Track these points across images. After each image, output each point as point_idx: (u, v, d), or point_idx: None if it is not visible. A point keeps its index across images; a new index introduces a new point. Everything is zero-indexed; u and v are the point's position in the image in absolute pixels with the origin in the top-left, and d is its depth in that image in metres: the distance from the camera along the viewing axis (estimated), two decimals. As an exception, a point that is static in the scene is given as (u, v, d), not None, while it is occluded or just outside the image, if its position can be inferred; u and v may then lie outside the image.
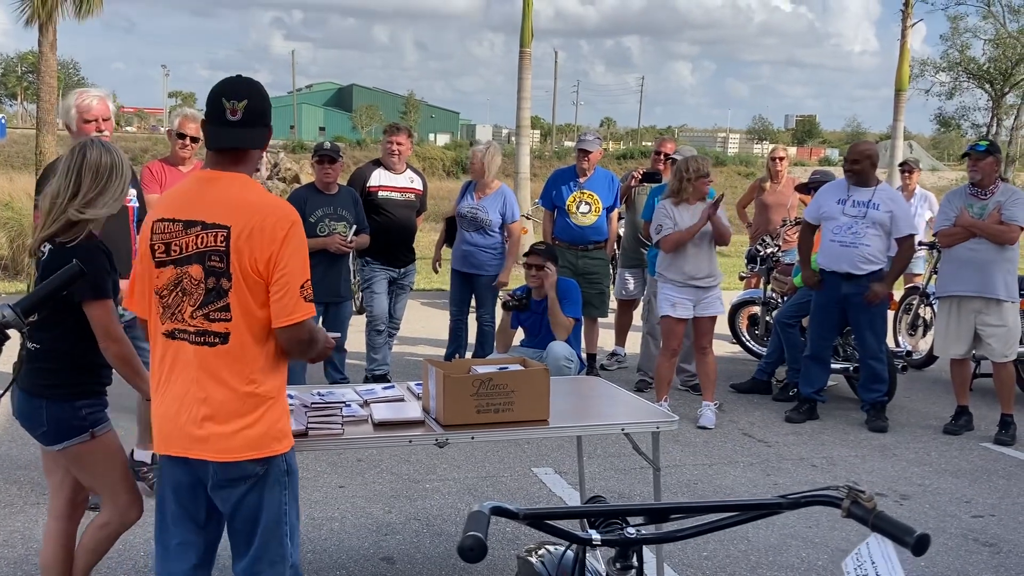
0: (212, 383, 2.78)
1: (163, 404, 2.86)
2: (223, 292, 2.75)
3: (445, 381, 3.59)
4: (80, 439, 3.31)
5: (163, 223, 2.83)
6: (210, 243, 2.74)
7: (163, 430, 2.87)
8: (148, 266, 2.87)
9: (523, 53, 17.02)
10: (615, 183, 7.70)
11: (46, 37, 15.14)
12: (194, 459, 2.83)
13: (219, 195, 2.80)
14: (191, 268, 2.77)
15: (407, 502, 5.14)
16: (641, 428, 3.78)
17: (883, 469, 5.99)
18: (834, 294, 6.72)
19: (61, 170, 3.36)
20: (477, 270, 7.38)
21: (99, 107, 4.78)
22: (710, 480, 5.64)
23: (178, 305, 2.80)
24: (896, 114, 19.34)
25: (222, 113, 2.78)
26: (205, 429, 2.78)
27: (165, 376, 2.86)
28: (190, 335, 2.79)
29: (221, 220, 2.75)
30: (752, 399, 7.55)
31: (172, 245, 2.80)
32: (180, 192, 2.94)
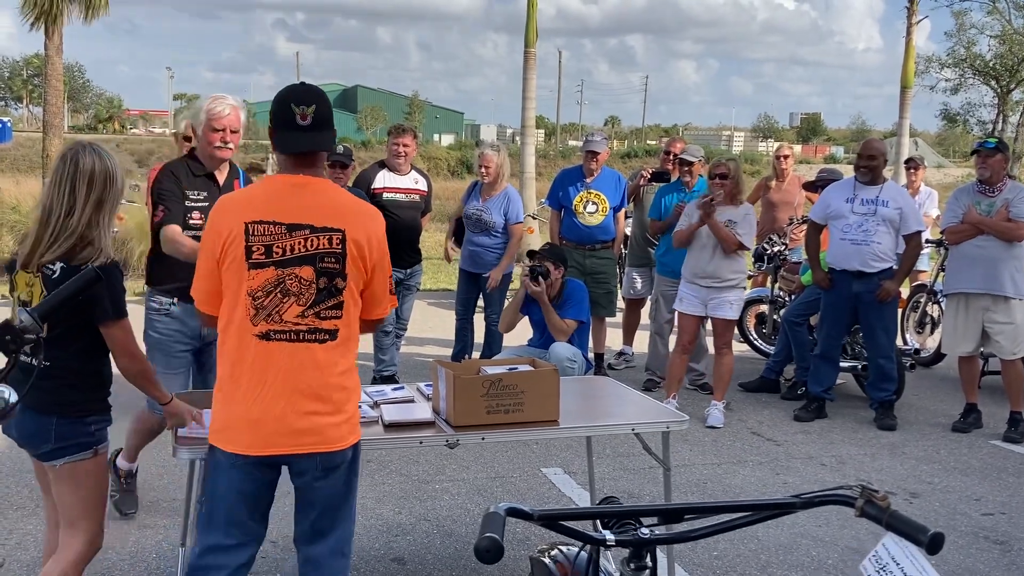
0: (321, 378, 2.90)
1: (258, 405, 2.88)
2: (337, 291, 2.90)
3: (455, 382, 3.59)
4: (82, 455, 3.20)
5: (261, 225, 2.87)
6: (323, 245, 2.88)
7: (259, 432, 2.88)
8: (238, 267, 2.87)
9: (528, 53, 17.03)
10: (622, 183, 7.71)
11: (52, 41, 15.20)
12: (295, 455, 2.91)
13: (318, 199, 2.94)
14: (299, 269, 2.87)
15: (417, 503, 5.15)
16: (651, 428, 3.79)
17: (892, 467, 5.98)
18: (845, 293, 6.72)
19: (52, 180, 3.23)
20: (483, 270, 7.39)
21: (231, 117, 4.41)
22: (719, 479, 5.64)
23: (276, 306, 2.87)
24: (902, 111, 19.32)
25: (292, 118, 2.91)
26: (314, 422, 2.90)
27: (257, 378, 2.88)
28: (292, 334, 2.87)
29: (332, 224, 2.89)
30: (760, 398, 7.55)
31: (274, 247, 2.86)
32: (271, 196, 2.95)
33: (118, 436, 4.37)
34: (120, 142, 54.45)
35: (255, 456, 2.91)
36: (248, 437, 2.90)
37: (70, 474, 3.19)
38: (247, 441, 2.91)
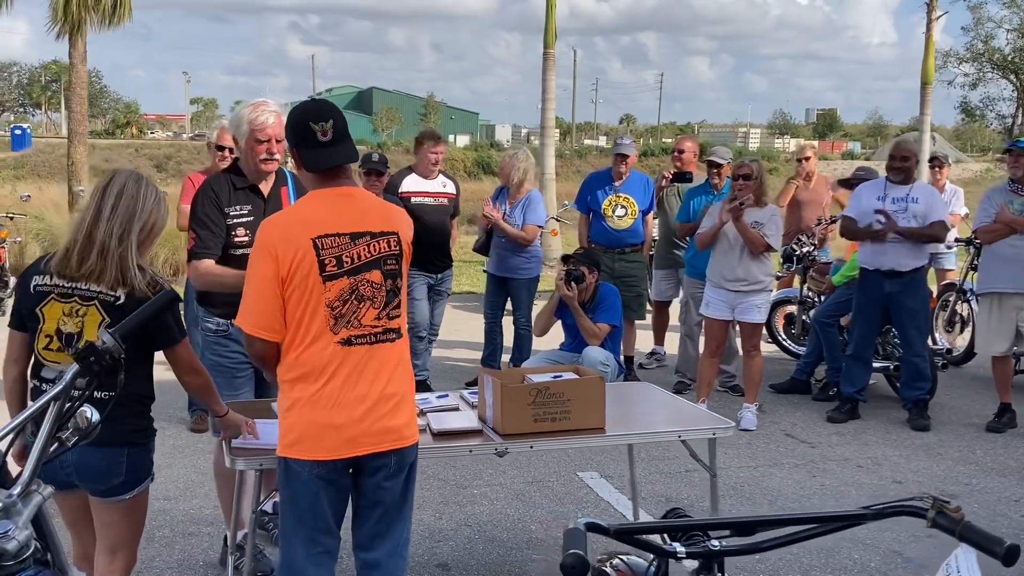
0: (396, 375, 3.05)
1: (342, 409, 2.96)
2: (398, 291, 3.08)
3: (503, 391, 3.62)
4: (145, 484, 3.20)
5: (327, 239, 2.95)
6: (384, 249, 3.03)
7: (343, 435, 2.97)
8: (312, 282, 2.93)
9: (547, 54, 17.00)
10: (650, 186, 7.72)
11: (76, 49, 15.30)
12: (374, 454, 3.00)
13: (368, 205, 3.09)
14: (369, 275, 3.00)
15: (456, 508, 5.18)
16: (698, 435, 3.81)
17: (929, 468, 5.97)
18: (877, 293, 6.71)
19: (89, 197, 3.23)
20: (511, 274, 7.44)
21: (275, 126, 4.09)
22: (757, 482, 5.65)
23: (354, 312, 2.97)
24: (922, 107, 19.24)
25: (314, 136, 2.98)
26: (396, 419, 3.04)
27: (340, 383, 2.97)
28: (371, 336, 3.00)
29: (387, 227, 3.05)
30: (792, 399, 7.55)
31: (343, 257, 2.96)
32: (325, 210, 3.01)
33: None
34: (138, 147, 54.77)
35: (340, 460, 2.99)
36: (332, 442, 2.98)
37: (132, 504, 3.18)
38: (331, 445, 2.98)
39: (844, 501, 5.38)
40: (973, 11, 40.99)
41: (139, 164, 46.58)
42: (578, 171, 49.62)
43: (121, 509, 3.18)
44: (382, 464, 3.05)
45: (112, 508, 3.17)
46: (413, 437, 3.13)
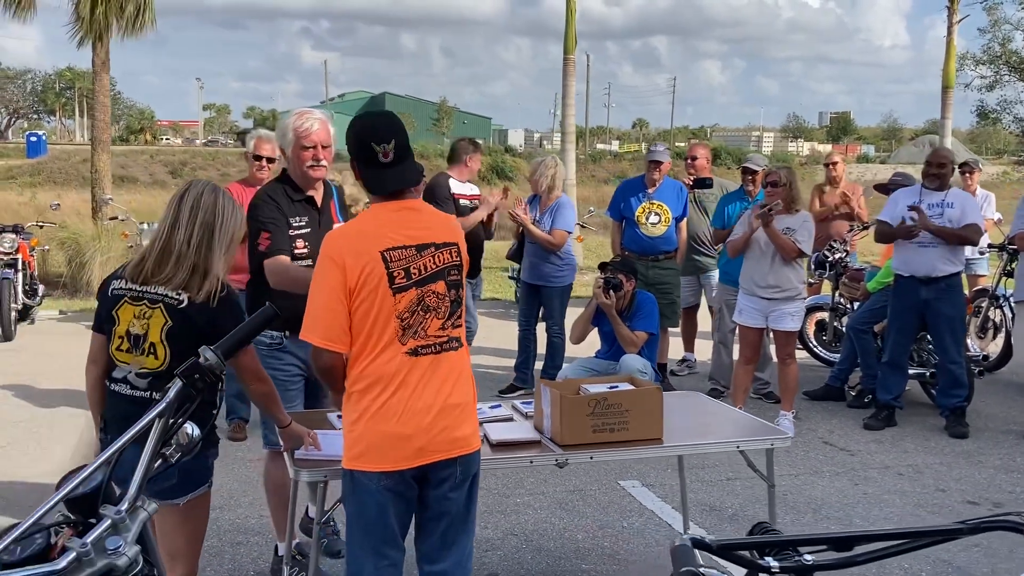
0: (460, 384, 3.10)
1: (410, 419, 2.98)
2: (460, 301, 3.13)
3: (562, 401, 3.63)
4: (202, 490, 3.25)
5: (395, 251, 2.99)
6: (447, 260, 3.08)
7: (411, 445, 2.99)
8: (382, 294, 2.95)
9: (567, 60, 17.03)
10: (683, 193, 7.71)
11: (98, 56, 15.35)
12: (440, 462, 3.03)
13: (431, 218, 3.15)
14: (435, 285, 3.04)
15: (501, 517, 5.19)
16: (756, 445, 3.81)
17: (971, 476, 5.96)
18: (913, 299, 6.70)
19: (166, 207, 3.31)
20: (543, 281, 7.46)
21: (320, 132, 4.13)
22: (800, 491, 5.64)
23: (421, 323, 3.01)
24: (943, 111, 19.16)
25: (375, 157, 3.01)
26: (462, 429, 3.08)
27: (407, 393, 2.99)
28: (436, 346, 3.04)
29: (449, 238, 3.10)
30: (827, 406, 7.53)
31: (411, 268, 3.00)
32: (390, 223, 3.04)
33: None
34: (153, 153, 55.04)
35: (409, 469, 3.00)
36: (400, 452, 2.99)
37: (189, 511, 3.22)
38: (398, 456, 2.99)
39: (888, 510, 5.36)
40: (989, 13, 40.75)
41: (155, 170, 46.86)
42: (592, 175, 49.71)
43: (177, 514, 3.20)
44: (448, 474, 3.07)
45: (168, 512, 3.17)
46: (477, 444, 3.17)
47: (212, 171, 47.15)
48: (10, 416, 6.99)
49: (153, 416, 1.91)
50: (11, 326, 9.68)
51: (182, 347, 3.09)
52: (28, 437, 6.50)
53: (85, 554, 1.77)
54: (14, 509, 5.17)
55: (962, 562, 4.62)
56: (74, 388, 7.76)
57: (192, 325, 3.13)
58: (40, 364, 8.68)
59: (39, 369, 8.47)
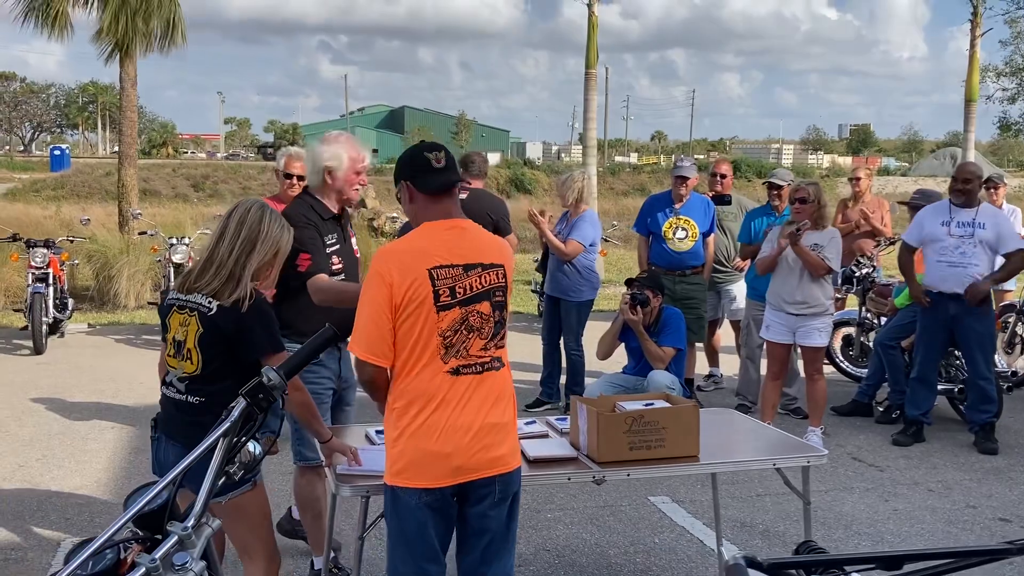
0: (501, 404, 3.13)
1: (450, 437, 3.02)
2: (504, 322, 3.18)
3: (599, 419, 3.67)
4: (245, 488, 3.32)
5: (441, 269, 3.05)
6: (493, 281, 3.12)
7: (451, 462, 3.03)
8: (426, 311, 3.02)
9: (588, 75, 17.11)
10: (710, 208, 7.74)
11: (126, 72, 15.54)
12: (480, 479, 3.07)
13: (479, 239, 3.18)
14: (480, 305, 3.09)
15: (533, 532, 5.21)
16: (792, 463, 3.83)
17: (1001, 493, 5.94)
18: (942, 315, 6.70)
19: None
20: (562, 295, 7.52)
21: (365, 157, 4.40)
22: (830, 507, 5.65)
23: (463, 342, 3.06)
24: (966, 124, 19.11)
25: (429, 163, 3.14)
26: (501, 448, 3.11)
27: (448, 411, 3.04)
28: (478, 366, 3.08)
29: (496, 260, 3.15)
30: (855, 422, 7.53)
31: (456, 288, 3.05)
32: (439, 242, 3.11)
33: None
34: (175, 167, 55.43)
35: (449, 487, 3.04)
36: (439, 470, 3.03)
37: (236, 508, 3.32)
38: (438, 473, 3.03)
39: (919, 526, 5.36)
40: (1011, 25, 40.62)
41: (177, 183, 47.15)
42: (611, 188, 49.67)
43: (228, 511, 3.31)
44: (487, 492, 3.10)
45: (221, 511, 3.29)
46: (517, 463, 3.19)
47: (233, 184, 47.45)
48: (44, 429, 7.08)
49: (218, 435, 1.97)
50: (42, 340, 9.80)
51: (212, 353, 3.27)
52: (62, 450, 6.57)
53: (154, 569, 1.82)
54: (50, 522, 5.25)
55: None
56: (105, 401, 7.87)
57: (219, 331, 3.26)
58: (71, 377, 8.79)
59: (70, 382, 8.58)
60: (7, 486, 5.84)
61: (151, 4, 15.13)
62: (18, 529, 5.16)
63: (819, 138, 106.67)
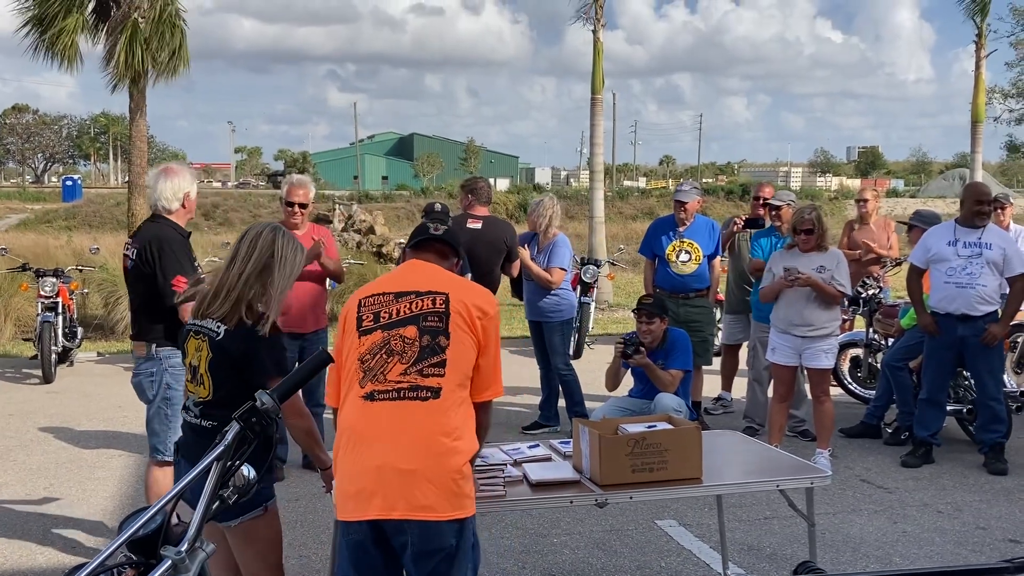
0: (419, 436, 2.89)
1: (361, 467, 2.91)
2: (440, 349, 2.95)
3: (601, 442, 3.66)
4: (255, 513, 3.31)
5: (372, 298, 3.07)
6: (426, 306, 3.00)
7: (361, 496, 2.90)
8: (351, 338, 3.04)
9: (595, 100, 17.20)
10: (716, 230, 7.75)
11: (135, 102, 15.66)
12: (392, 521, 2.87)
13: (428, 272, 3.14)
14: (404, 330, 2.98)
15: (539, 557, 5.19)
16: (796, 484, 3.82)
17: (1012, 515, 5.89)
18: (950, 337, 6.68)
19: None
20: (543, 317, 7.60)
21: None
22: (838, 529, 5.61)
23: (381, 367, 2.95)
24: (973, 145, 19.12)
25: (426, 229, 3.24)
26: (409, 484, 2.86)
27: (359, 439, 2.94)
28: (395, 392, 2.93)
29: (437, 288, 3.04)
30: (863, 444, 7.49)
31: (381, 313, 3.03)
32: (388, 277, 3.20)
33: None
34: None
35: (355, 522, 2.92)
36: (352, 502, 2.93)
37: (246, 533, 3.33)
38: (351, 506, 2.93)
39: (929, 548, 5.31)
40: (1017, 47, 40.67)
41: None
42: (620, 212, 49.72)
43: (238, 535, 3.33)
44: (404, 539, 2.90)
45: (231, 535, 3.34)
46: (441, 511, 2.87)
47: (244, 213, 47.68)
48: (53, 458, 7.09)
49: (212, 459, 1.97)
50: (51, 368, 9.84)
51: (221, 377, 3.30)
52: (69, 478, 6.58)
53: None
54: (56, 550, 5.25)
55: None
56: (114, 430, 7.89)
57: (227, 356, 3.28)
58: (80, 406, 8.81)
59: (80, 411, 8.60)
60: (14, 514, 5.85)
61: (163, 33, 15.28)
62: (24, 557, 5.16)
63: (827, 160, 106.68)
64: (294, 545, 5.29)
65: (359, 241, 24.42)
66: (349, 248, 23.05)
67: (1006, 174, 73.95)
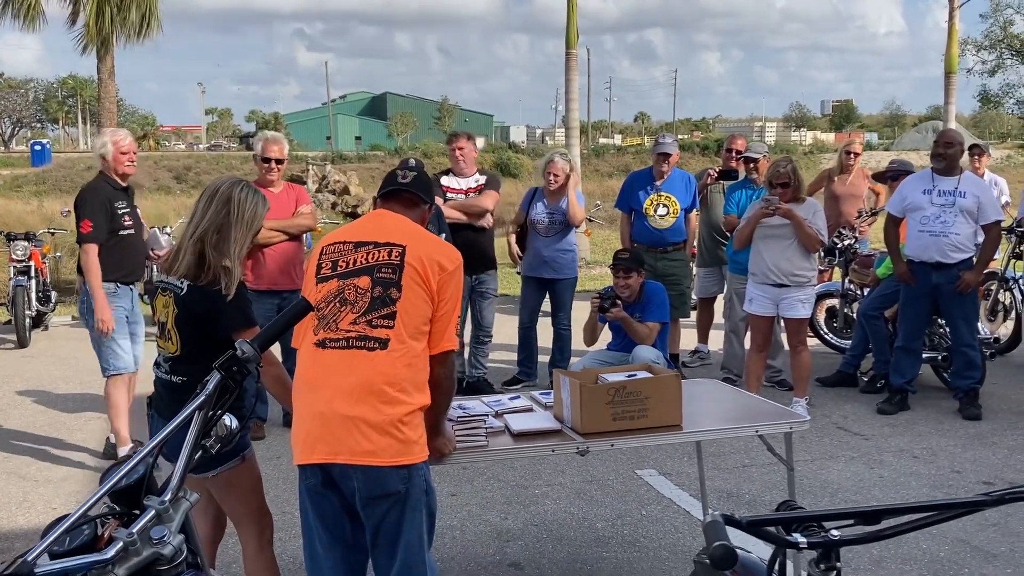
0: (363, 384, 2.91)
1: (309, 412, 2.97)
2: (390, 300, 2.96)
3: (582, 390, 3.67)
4: (232, 463, 3.36)
5: (332, 246, 3.08)
6: (382, 258, 3.01)
7: (308, 439, 2.96)
8: (310, 285, 3.07)
9: (569, 55, 17.03)
10: (692, 184, 7.74)
11: (105, 64, 15.44)
12: (338, 465, 2.92)
13: (392, 224, 3.13)
14: (358, 279, 2.99)
15: (521, 508, 5.23)
16: (774, 430, 3.85)
17: (985, 457, 5.99)
18: (925, 284, 6.73)
19: None
20: (556, 274, 7.47)
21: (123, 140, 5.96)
22: (815, 476, 5.68)
23: (334, 315, 2.98)
24: (947, 96, 19.14)
25: (395, 178, 3.25)
26: (353, 429, 2.89)
27: (310, 386, 2.99)
28: (344, 341, 2.95)
29: (395, 240, 3.04)
30: (840, 392, 7.57)
31: (339, 261, 3.04)
32: (353, 225, 3.21)
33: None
34: (157, 159, 55.09)
35: (308, 466, 2.98)
36: (301, 446, 2.98)
37: (226, 482, 3.39)
38: (300, 450, 2.99)
39: (905, 492, 5.40)
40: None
41: (159, 175, 46.90)
42: (596, 170, 49.59)
43: (219, 485, 3.39)
44: (351, 485, 2.93)
45: (211, 484, 3.38)
46: (385, 456, 2.89)
47: (216, 175, 46.96)
48: (29, 421, 7.06)
49: (193, 409, 1.96)
50: (26, 333, 9.75)
51: (188, 332, 3.33)
52: (48, 442, 6.55)
53: (132, 543, 1.81)
54: (36, 512, 5.24)
55: (980, 541, 4.65)
56: (91, 392, 7.83)
57: (192, 312, 3.32)
58: (56, 370, 8.75)
59: (55, 374, 8.54)
60: (-7, 478, 5.83)
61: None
62: (3, 520, 5.15)
63: (802, 115, 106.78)
64: (276, 502, 5.27)
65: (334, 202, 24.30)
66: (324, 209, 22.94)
67: (978, 126, 74.34)
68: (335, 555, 3.10)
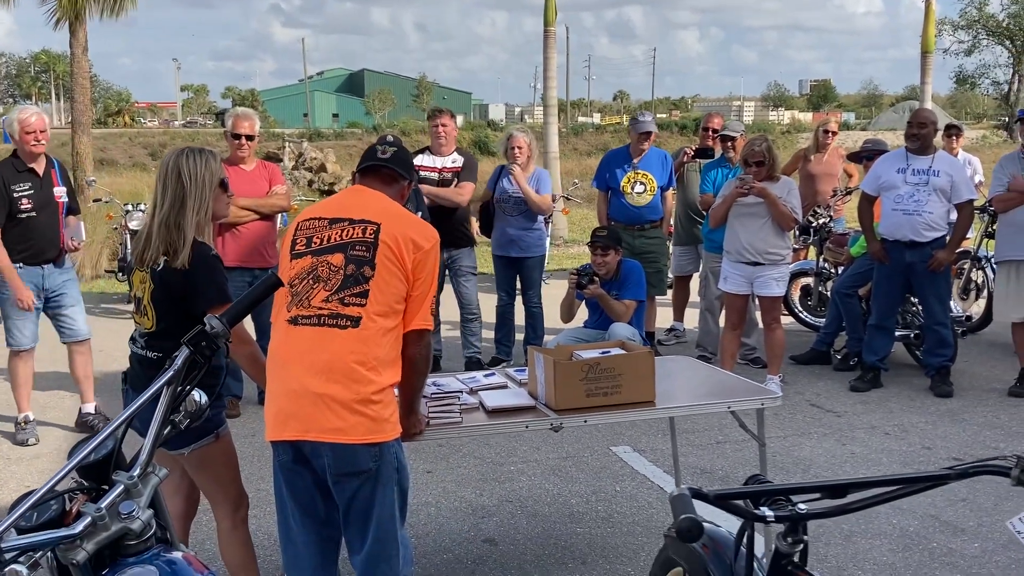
0: (335, 362, 2.90)
1: (281, 389, 2.98)
2: (363, 279, 2.95)
3: (555, 367, 3.68)
4: (206, 440, 3.37)
5: (308, 222, 3.07)
6: (356, 235, 2.99)
7: (279, 416, 2.98)
8: (285, 261, 3.07)
9: (547, 32, 16.95)
10: (668, 162, 7.74)
11: (77, 39, 15.25)
12: (309, 442, 2.94)
13: (368, 200, 3.11)
14: (332, 256, 2.98)
15: (496, 484, 5.25)
16: (747, 406, 3.87)
17: (956, 434, 6.06)
18: (898, 263, 6.78)
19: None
20: (524, 252, 7.49)
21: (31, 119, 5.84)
22: (788, 452, 5.74)
23: (307, 292, 2.97)
24: (923, 76, 19.19)
25: (374, 153, 3.23)
26: (324, 407, 2.89)
27: (281, 363, 2.99)
28: (316, 318, 2.95)
29: (370, 217, 3.02)
30: (813, 370, 7.63)
31: (314, 238, 3.03)
32: (329, 200, 3.19)
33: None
34: (132, 136, 54.56)
35: (280, 443, 3.00)
36: (272, 423, 3.00)
37: (200, 459, 3.40)
38: (271, 427, 3.00)
39: (876, 468, 5.46)
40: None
41: (134, 152, 46.49)
42: (575, 149, 49.57)
43: (193, 462, 3.41)
44: (322, 462, 2.95)
45: (185, 461, 3.41)
46: (355, 434, 2.91)
47: (191, 152, 46.73)
48: (2, 399, 7.00)
49: (162, 384, 1.95)
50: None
51: (164, 309, 3.32)
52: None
53: (100, 518, 1.81)
54: (10, 490, 5.21)
55: (949, 516, 4.72)
56: (65, 370, 7.73)
57: (168, 288, 3.31)
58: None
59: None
60: None
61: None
62: (-23, 497, 5.12)
63: (780, 94, 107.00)
64: (251, 479, 5.27)
65: (310, 179, 24.13)
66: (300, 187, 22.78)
67: (955, 106, 74.71)
68: (308, 531, 3.12)
